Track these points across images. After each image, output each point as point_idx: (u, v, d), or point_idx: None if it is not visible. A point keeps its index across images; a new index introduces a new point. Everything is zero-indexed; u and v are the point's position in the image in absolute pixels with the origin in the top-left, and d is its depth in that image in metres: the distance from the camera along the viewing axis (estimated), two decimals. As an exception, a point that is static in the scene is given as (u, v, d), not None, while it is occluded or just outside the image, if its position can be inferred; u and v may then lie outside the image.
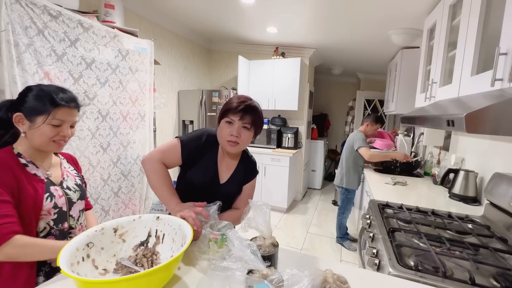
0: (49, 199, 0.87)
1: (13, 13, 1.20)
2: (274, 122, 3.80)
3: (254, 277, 0.61)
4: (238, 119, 0.94)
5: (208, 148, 1.04)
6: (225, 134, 0.96)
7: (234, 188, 1.08)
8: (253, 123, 0.97)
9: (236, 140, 0.95)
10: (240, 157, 1.10)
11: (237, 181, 1.08)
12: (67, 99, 0.87)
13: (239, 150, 1.04)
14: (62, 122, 0.87)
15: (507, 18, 0.92)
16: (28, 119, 0.84)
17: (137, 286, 0.61)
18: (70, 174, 1.00)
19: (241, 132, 0.95)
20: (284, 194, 3.46)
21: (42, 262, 0.87)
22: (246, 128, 0.96)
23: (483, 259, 0.95)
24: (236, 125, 0.95)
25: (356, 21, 2.49)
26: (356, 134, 2.63)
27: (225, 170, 1.07)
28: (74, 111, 0.90)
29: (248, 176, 1.11)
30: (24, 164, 0.86)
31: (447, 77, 1.53)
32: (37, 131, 0.84)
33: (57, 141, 0.87)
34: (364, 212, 1.73)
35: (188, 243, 0.69)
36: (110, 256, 0.77)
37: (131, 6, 2.45)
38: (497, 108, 0.79)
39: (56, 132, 0.86)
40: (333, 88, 5.64)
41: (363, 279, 0.76)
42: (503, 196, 1.22)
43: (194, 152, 1.02)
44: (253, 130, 0.99)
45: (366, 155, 2.48)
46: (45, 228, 0.87)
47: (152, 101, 2.03)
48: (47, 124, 0.84)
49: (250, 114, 0.95)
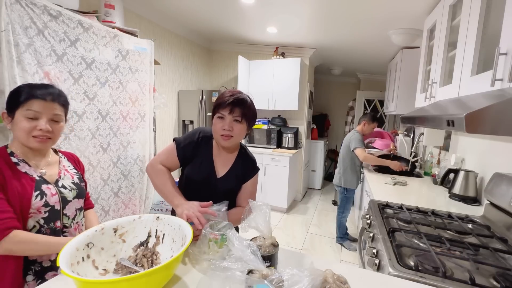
0: (39, 197, 0.86)
1: (13, 13, 1.20)
2: (274, 122, 3.80)
3: (254, 277, 0.61)
4: (228, 113, 0.97)
5: (202, 144, 1.07)
6: (218, 129, 0.99)
7: (233, 183, 1.08)
8: (244, 115, 0.99)
9: (229, 133, 0.98)
10: (238, 153, 1.11)
11: (235, 176, 1.08)
12: (44, 93, 0.86)
13: (234, 144, 1.06)
14: (37, 115, 0.84)
15: (507, 18, 0.91)
16: (10, 115, 0.85)
17: (137, 286, 0.61)
18: (68, 173, 1.00)
19: (233, 125, 0.98)
20: (284, 194, 3.46)
21: (32, 260, 0.87)
22: (237, 121, 0.99)
23: (483, 259, 0.95)
24: (227, 119, 0.97)
25: (356, 21, 2.49)
26: (353, 134, 2.64)
27: (222, 165, 1.08)
28: (52, 104, 0.88)
29: (248, 173, 1.11)
30: (15, 163, 0.86)
31: (447, 77, 1.53)
32: (15, 125, 0.84)
33: (37, 136, 0.85)
34: (364, 212, 1.73)
35: (188, 243, 0.69)
36: (110, 256, 0.77)
37: (131, 6, 2.45)
38: (497, 108, 0.79)
39: (33, 126, 0.84)
40: (333, 88, 5.64)
41: (363, 279, 0.76)
42: (503, 196, 1.22)
43: (189, 150, 1.05)
44: (245, 122, 1.01)
45: (361, 157, 2.50)
46: (34, 226, 0.86)
47: (152, 101, 2.03)
48: (23, 116, 0.83)
49: (240, 107, 0.98)
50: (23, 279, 0.85)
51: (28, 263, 0.86)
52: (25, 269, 0.86)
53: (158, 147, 2.46)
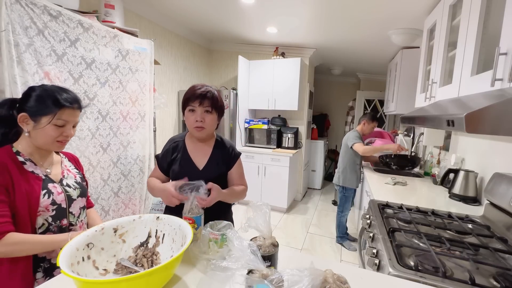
0: (47, 196, 0.88)
1: (13, 13, 1.20)
2: (274, 122, 3.80)
3: (254, 277, 0.61)
4: (199, 105, 1.03)
5: (175, 147, 1.14)
6: (191, 121, 1.05)
7: (216, 171, 1.13)
8: (213, 105, 1.05)
9: (202, 125, 1.04)
10: (215, 143, 1.16)
11: (216, 163, 1.13)
12: (71, 100, 0.89)
13: (208, 134, 1.11)
14: (66, 123, 0.89)
15: (507, 18, 0.91)
16: (33, 119, 0.85)
17: (137, 286, 0.61)
18: (71, 172, 1.01)
19: (204, 116, 1.04)
20: (284, 194, 3.46)
21: (41, 258, 0.88)
22: (208, 112, 1.05)
23: (483, 259, 0.95)
24: (199, 111, 1.03)
25: (356, 21, 2.49)
26: (351, 133, 2.65)
27: (201, 157, 1.13)
28: (77, 111, 0.93)
29: (230, 160, 1.16)
30: (22, 162, 0.87)
31: (447, 77, 1.53)
32: (41, 131, 0.86)
33: (60, 141, 0.90)
34: (364, 212, 1.73)
35: (188, 243, 0.69)
36: (110, 256, 0.77)
37: (131, 6, 2.45)
38: (497, 108, 0.79)
39: (59, 132, 0.88)
40: (333, 88, 5.64)
41: (363, 279, 0.76)
42: (503, 196, 1.22)
43: (166, 158, 1.14)
44: (215, 112, 1.07)
45: (360, 150, 2.50)
46: (43, 224, 0.88)
47: (152, 101, 2.03)
48: (52, 124, 0.86)
49: (209, 99, 1.03)
50: (33, 276, 0.87)
51: (37, 261, 0.88)
52: (35, 266, 0.87)
53: (158, 147, 2.46)
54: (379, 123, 3.10)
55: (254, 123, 3.66)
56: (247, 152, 3.49)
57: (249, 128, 3.71)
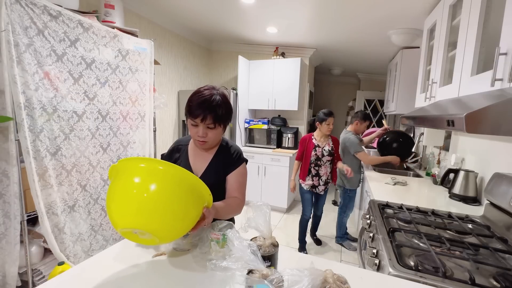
0: None
1: (13, 13, 1.20)
2: (274, 122, 3.80)
3: (254, 277, 0.61)
4: (200, 121, 0.95)
5: (178, 150, 1.14)
6: (193, 134, 1.00)
7: (212, 178, 1.06)
8: (217, 121, 0.96)
9: (204, 140, 0.99)
10: (218, 149, 1.10)
11: (214, 171, 1.07)
12: None
13: (211, 146, 1.08)
14: None
15: (507, 18, 0.91)
16: None
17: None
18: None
19: (207, 132, 0.97)
20: (284, 194, 3.46)
21: None
22: (210, 128, 0.97)
23: (483, 259, 0.95)
24: (201, 127, 0.96)
25: (356, 21, 2.49)
26: (349, 137, 2.57)
27: (200, 164, 1.09)
28: None
29: (230, 165, 1.08)
30: None
31: (447, 77, 1.53)
32: None
33: None
34: (364, 212, 1.73)
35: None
36: None
37: (131, 6, 2.45)
38: (497, 108, 0.79)
39: None
40: (333, 88, 5.64)
41: (363, 279, 0.76)
42: (503, 196, 1.22)
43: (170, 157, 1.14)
44: (219, 126, 0.99)
45: (365, 161, 2.49)
46: None
47: (152, 101, 2.03)
48: None
49: (211, 114, 0.94)
50: None
51: None
52: None
53: (158, 147, 2.46)
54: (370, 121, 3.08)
55: (254, 123, 3.66)
56: (247, 152, 3.48)
57: (249, 128, 3.71)
